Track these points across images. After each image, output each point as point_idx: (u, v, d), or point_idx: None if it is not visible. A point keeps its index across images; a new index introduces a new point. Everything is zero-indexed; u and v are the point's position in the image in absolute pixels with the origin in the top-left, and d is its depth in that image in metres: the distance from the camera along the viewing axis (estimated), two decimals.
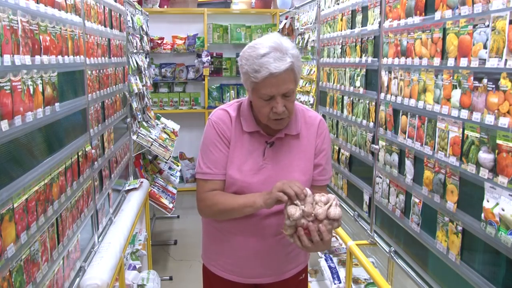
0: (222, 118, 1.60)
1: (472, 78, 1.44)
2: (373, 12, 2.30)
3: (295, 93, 1.52)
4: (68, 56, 1.79)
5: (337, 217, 1.37)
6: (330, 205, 1.38)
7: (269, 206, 1.45)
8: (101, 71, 2.38)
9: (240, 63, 1.50)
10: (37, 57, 1.46)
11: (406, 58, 1.92)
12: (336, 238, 3.24)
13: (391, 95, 2.08)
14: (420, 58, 1.79)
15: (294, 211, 1.35)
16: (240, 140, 1.59)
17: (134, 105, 3.35)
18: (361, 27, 2.49)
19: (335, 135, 2.98)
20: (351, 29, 2.67)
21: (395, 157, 2.05)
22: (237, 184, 1.56)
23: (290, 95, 1.47)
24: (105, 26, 2.53)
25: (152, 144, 3.43)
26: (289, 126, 1.60)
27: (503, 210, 1.29)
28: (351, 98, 2.65)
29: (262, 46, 1.43)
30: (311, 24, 3.52)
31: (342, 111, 2.83)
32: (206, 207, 1.60)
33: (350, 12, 2.68)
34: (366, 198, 2.46)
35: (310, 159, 1.63)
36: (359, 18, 2.52)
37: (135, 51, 3.58)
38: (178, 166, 4.68)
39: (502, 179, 1.29)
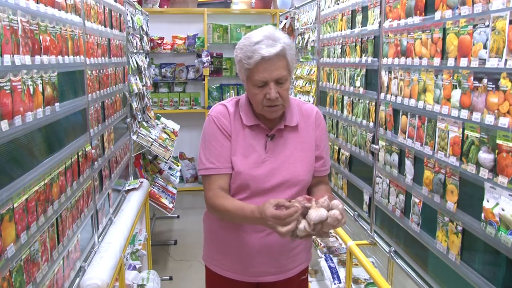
0: (222, 112, 1.63)
1: (472, 78, 1.44)
2: (373, 12, 2.30)
3: (289, 82, 1.55)
4: (68, 56, 1.79)
5: (316, 220, 1.34)
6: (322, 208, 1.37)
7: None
8: (101, 71, 2.38)
9: (235, 53, 1.56)
10: (37, 57, 1.46)
11: (406, 58, 1.92)
12: (336, 238, 3.24)
13: (391, 95, 2.08)
14: (420, 58, 1.79)
15: (301, 226, 1.35)
16: (241, 134, 1.61)
17: (134, 105, 3.35)
18: (361, 27, 2.49)
19: (335, 135, 2.98)
20: (351, 29, 2.67)
21: (395, 157, 2.05)
22: (241, 177, 1.58)
23: (283, 82, 1.51)
24: (105, 26, 2.53)
25: (152, 144, 3.43)
26: (288, 118, 1.63)
27: (503, 210, 1.29)
28: (351, 98, 2.65)
29: (256, 35, 1.50)
30: (311, 24, 3.51)
31: (342, 111, 2.83)
32: (210, 208, 1.62)
33: (350, 12, 2.68)
34: (366, 198, 2.46)
35: (310, 150, 1.65)
36: (359, 18, 2.52)
37: (135, 51, 3.58)
38: (178, 166, 4.68)
39: (502, 179, 1.29)
